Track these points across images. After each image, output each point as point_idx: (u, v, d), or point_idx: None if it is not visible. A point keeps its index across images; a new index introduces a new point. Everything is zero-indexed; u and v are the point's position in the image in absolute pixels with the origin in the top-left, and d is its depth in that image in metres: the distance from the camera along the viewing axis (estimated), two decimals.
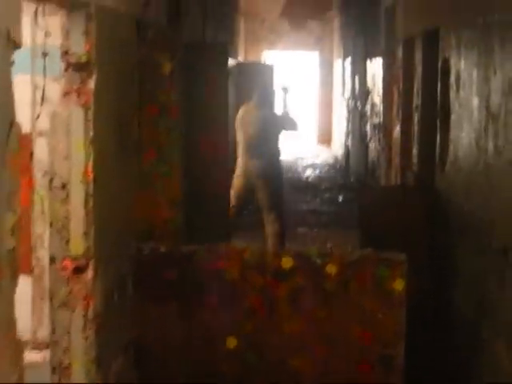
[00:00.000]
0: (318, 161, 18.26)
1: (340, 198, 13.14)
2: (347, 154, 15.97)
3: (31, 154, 4.50)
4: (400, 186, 7.57)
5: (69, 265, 3.90)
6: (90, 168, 3.85)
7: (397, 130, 8.99)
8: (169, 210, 5.07)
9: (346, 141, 16.17)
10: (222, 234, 6.37)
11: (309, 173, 16.32)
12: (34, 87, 4.50)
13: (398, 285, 4.82)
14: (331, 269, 4.84)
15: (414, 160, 7.72)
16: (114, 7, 4.27)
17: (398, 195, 6.61)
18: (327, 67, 21.12)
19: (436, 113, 6.67)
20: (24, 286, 4.33)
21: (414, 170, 7.71)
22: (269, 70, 19.00)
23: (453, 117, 5.97)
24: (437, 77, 6.67)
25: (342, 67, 17.42)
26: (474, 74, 5.26)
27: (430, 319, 6.18)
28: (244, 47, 21.15)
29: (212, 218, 6.35)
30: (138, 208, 4.91)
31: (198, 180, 6.26)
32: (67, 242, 3.90)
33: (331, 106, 20.61)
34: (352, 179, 14.54)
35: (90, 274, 3.92)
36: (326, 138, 21.31)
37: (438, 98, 6.57)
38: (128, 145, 4.62)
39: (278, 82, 18.69)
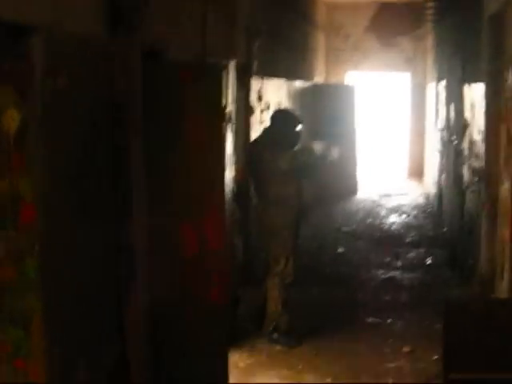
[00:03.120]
0: (407, 200, 15.44)
1: (428, 261, 10.35)
2: (440, 196, 13.20)
3: None
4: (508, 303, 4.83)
5: None
6: None
7: (505, 187, 6.28)
8: None
9: (439, 179, 13.39)
10: None
11: (393, 219, 13.54)
12: None
13: None
14: None
15: None
16: None
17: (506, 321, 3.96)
18: (419, 91, 18.17)
19: None
20: None
21: None
22: (349, 91, 16.40)
23: None
24: None
25: (435, 92, 14.60)
26: None
27: None
28: (325, 67, 18.57)
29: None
30: None
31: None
32: None
33: (423, 135, 17.72)
34: (445, 229, 11.79)
35: None
36: (417, 171, 18.38)
37: None
38: None
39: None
